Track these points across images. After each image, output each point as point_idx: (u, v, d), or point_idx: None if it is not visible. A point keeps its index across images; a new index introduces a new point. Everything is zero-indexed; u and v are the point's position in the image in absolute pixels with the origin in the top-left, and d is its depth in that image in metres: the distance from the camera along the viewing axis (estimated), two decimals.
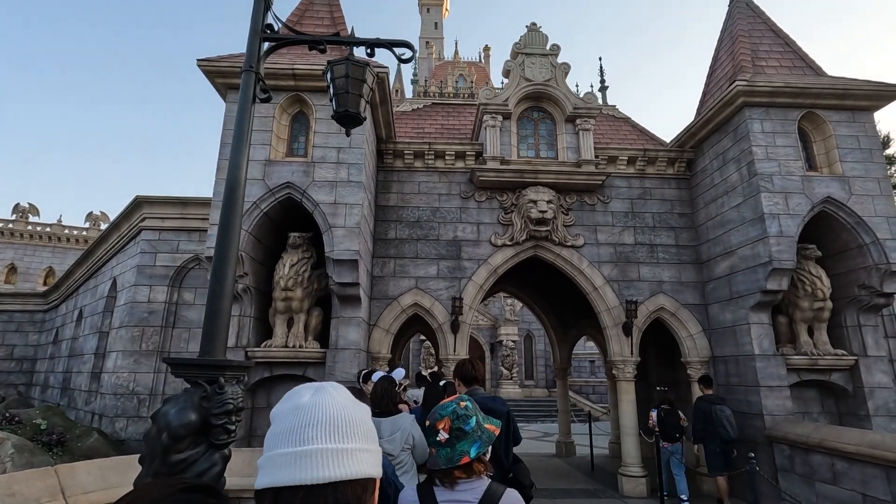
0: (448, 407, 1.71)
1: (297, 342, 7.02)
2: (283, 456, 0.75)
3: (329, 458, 0.74)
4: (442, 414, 1.69)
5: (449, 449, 1.63)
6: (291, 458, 0.74)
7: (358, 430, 0.80)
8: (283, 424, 0.79)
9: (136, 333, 8.59)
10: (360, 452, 0.77)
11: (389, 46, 3.46)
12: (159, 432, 2.44)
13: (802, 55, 8.55)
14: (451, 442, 1.64)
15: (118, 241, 10.25)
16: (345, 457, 0.75)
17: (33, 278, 26.81)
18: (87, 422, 8.94)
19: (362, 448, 0.78)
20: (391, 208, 8.79)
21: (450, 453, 1.62)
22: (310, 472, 0.72)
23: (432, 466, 1.65)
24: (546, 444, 14.21)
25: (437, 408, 1.74)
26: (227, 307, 2.85)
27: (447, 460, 1.62)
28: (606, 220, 8.94)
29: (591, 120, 8.97)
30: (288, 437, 0.76)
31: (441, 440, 1.64)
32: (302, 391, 0.84)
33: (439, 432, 1.66)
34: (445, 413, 1.69)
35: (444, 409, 1.71)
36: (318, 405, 0.79)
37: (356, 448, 0.77)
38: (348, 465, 0.75)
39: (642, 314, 8.44)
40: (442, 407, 1.72)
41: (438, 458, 1.64)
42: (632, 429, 8.15)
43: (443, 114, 11.23)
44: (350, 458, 0.76)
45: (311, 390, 0.83)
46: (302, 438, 0.75)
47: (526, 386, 29.02)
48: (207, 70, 7.25)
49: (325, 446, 0.75)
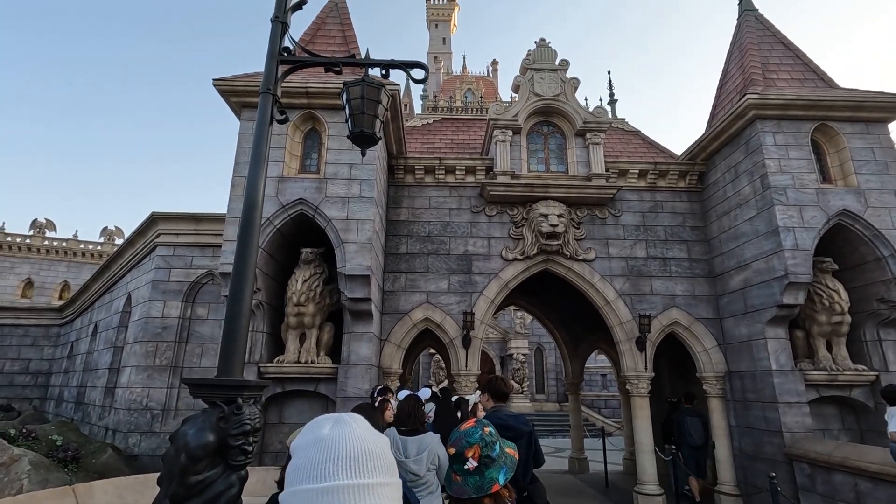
0: (475, 434, 1.66)
1: (310, 357, 7.03)
2: (306, 492, 0.76)
3: (352, 495, 0.75)
4: (470, 441, 1.63)
5: (478, 477, 1.58)
6: (315, 494, 0.75)
7: (378, 463, 0.80)
8: (305, 458, 0.80)
9: (149, 348, 8.66)
10: (380, 487, 0.78)
11: (404, 67, 3.51)
12: (178, 453, 2.45)
13: (814, 67, 8.53)
14: (479, 470, 1.59)
15: (133, 256, 10.39)
16: (367, 492, 0.76)
17: (49, 293, 27.20)
18: (101, 437, 8.98)
19: (383, 482, 0.79)
20: (402, 223, 8.83)
21: (479, 481, 1.57)
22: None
23: (459, 495, 1.59)
24: (558, 460, 13.99)
25: (461, 434, 1.68)
26: (245, 327, 2.87)
27: (477, 489, 1.56)
28: (618, 233, 8.90)
29: (600, 134, 8.98)
30: (310, 472, 0.77)
31: (470, 468, 1.59)
32: (322, 423, 0.85)
33: (468, 460, 1.60)
34: (474, 440, 1.64)
35: (472, 437, 1.65)
36: (338, 438, 0.80)
37: (377, 482, 0.78)
38: (370, 501, 0.75)
39: (655, 328, 8.35)
40: (468, 434, 1.67)
41: (467, 486, 1.58)
42: (647, 445, 8.02)
43: (452, 129, 11.33)
44: (372, 494, 0.76)
45: (331, 422, 0.84)
46: (324, 474, 0.76)
47: (537, 400, 28.69)
48: (222, 89, 7.40)
49: (348, 482, 0.75)
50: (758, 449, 7.28)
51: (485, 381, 3.85)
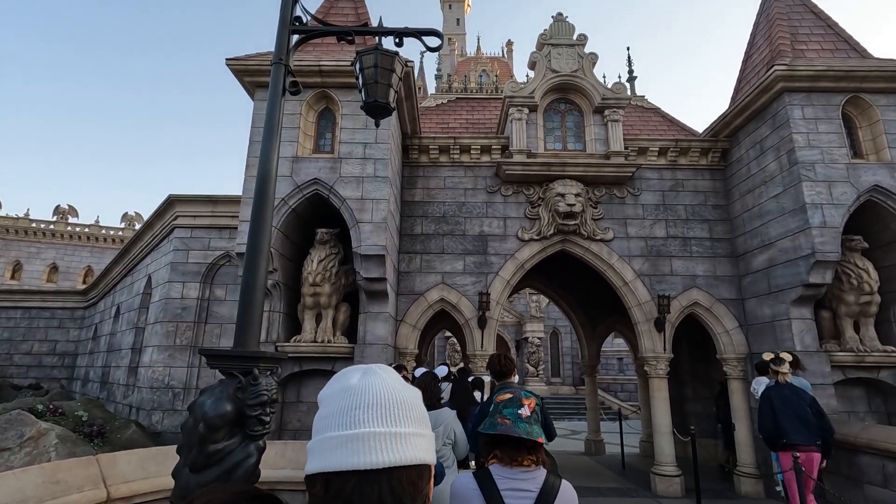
0: (529, 394, 1.76)
1: (326, 337, 7.07)
2: (334, 439, 0.70)
3: (383, 443, 0.69)
4: (528, 395, 1.73)
5: (528, 424, 1.64)
6: (343, 441, 0.69)
7: (411, 413, 0.75)
8: (333, 406, 0.74)
9: (170, 329, 8.82)
10: (414, 437, 0.72)
11: (417, 35, 3.41)
12: (196, 422, 2.46)
13: (846, 37, 8.14)
14: (530, 419, 1.65)
15: (152, 239, 10.54)
16: (399, 441, 0.70)
17: (73, 277, 27.92)
18: (126, 414, 9.22)
19: (416, 433, 0.73)
20: (417, 203, 8.76)
21: (528, 428, 1.63)
22: (363, 456, 0.67)
23: (507, 432, 1.62)
24: (574, 442, 14.01)
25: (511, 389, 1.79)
26: (260, 299, 2.86)
27: (527, 432, 1.61)
28: (637, 212, 8.71)
29: (619, 111, 8.74)
30: (339, 420, 0.72)
31: (523, 414, 1.65)
32: (350, 373, 0.79)
33: (524, 406, 1.66)
34: (531, 395, 1.74)
35: (529, 393, 1.76)
36: (368, 387, 0.74)
37: (410, 432, 0.72)
38: (403, 450, 0.70)
39: (675, 309, 8.19)
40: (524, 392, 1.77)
41: (517, 427, 1.62)
42: (665, 427, 7.94)
43: (467, 108, 11.15)
44: (404, 443, 0.71)
45: (360, 372, 0.79)
46: (354, 421, 0.71)
47: (552, 383, 28.72)
48: (236, 69, 7.36)
49: (379, 430, 0.70)
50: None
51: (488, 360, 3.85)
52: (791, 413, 5.02)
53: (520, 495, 1.58)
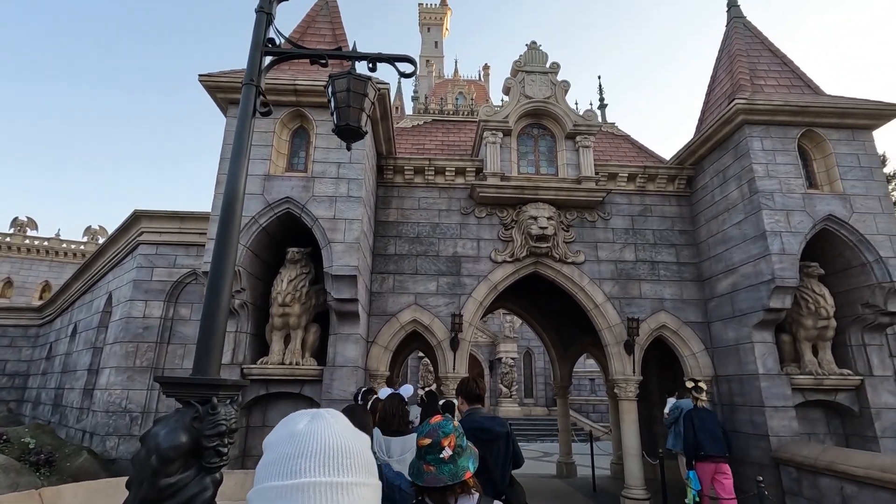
0: (448, 425, 1.75)
1: (294, 359, 6.90)
2: (274, 489, 0.68)
3: (324, 493, 0.67)
4: (446, 431, 1.72)
5: (452, 465, 1.65)
6: (284, 491, 0.67)
7: (355, 461, 0.72)
8: (277, 453, 0.72)
9: (130, 349, 8.45)
10: (357, 487, 0.70)
11: (391, 61, 3.44)
12: (148, 454, 2.34)
13: (800, 74, 8.63)
14: (453, 458, 1.67)
15: (115, 255, 10.16)
16: (341, 491, 0.68)
17: (29, 292, 26.61)
18: (78, 440, 8.73)
19: (360, 482, 0.71)
20: (391, 224, 8.74)
21: (453, 469, 1.65)
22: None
23: (433, 484, 1.65)
24: (546, 465, 13.94)
25: (434, 426, 1.75)
26: (223, 323, 2.77)
27: (452, 476, 1.64)
28: (607, 236, 8.90)
29: (590, 137, 8.99)
30: (281, 468, 0.69)
31: (445, 457, 1.66)
32: (297, 418, 0.77)
33: (444, 449, 1.67)
34: (449, 430, 1.72)
35: (447, 427, 1.73)
36: (313, 433, 0.72)
37: (353, 482, 0.70)
38: (343, 501, 0.67)
39: (644, 332, 8.34)
40: (442, 425, 1.74)
41: (442, 474, 1.65)
42: (634, 449, 7.99)
43: (443, 130, 11.28)
44: (347, 493, 0.68)
45: (308, 417, 0.76)
46: (295, 470, 0.68)
47: (525, 404, 28.66)
48: (208, 85, 7.27)
49: (320, 479, 0.67)
50: (745, 453, 7.27)
51: (458, 383, 3.80)
52: (708, 431, 6.30)
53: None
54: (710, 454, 6.19)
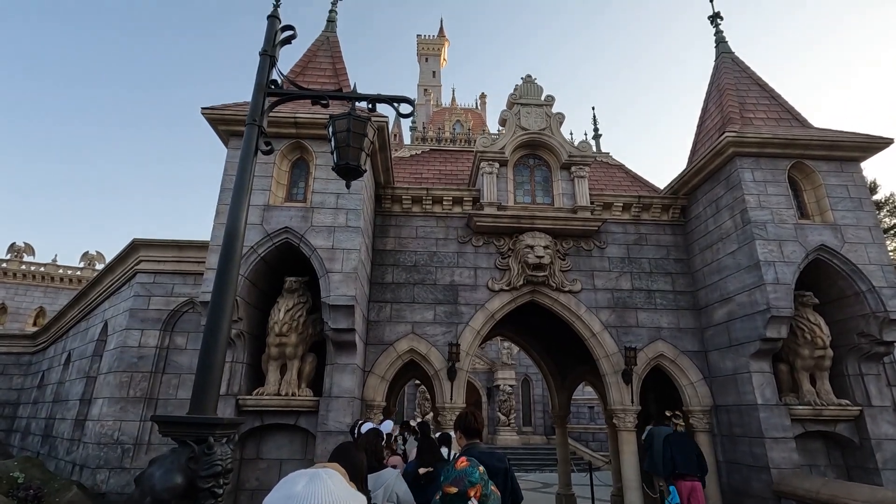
0: (475, 473, 1.73)
1: (290, 390, 6.84)
2: None
3: None
4: (472, 481, 1.70)
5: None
6: None
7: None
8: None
9: (124, 379, 8.37)
10: None
11: (390, 102, 3.56)
12: (143, 496, 2.32)
13: (788, 108, 8.87)
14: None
15: (112, 283, 10.15)
16: None
17: (23, 318, 26.38)
18: (68, 473, 8.55)
19: None
20: (389, 252, 8.80)
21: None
22: None
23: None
24: (545, 497, 13.65)
25: (461, 473, 1.73)
26: (221, 361, 2.79)
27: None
28: (603, 265, 8.97)
29: (585, 167, 9.15)
30: None
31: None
32: (296, 478, 0.80)
33: (470, 499, 1.66)
34: (476, 479, 1.71)
35: (473, 476, 1.71)
36: (310, 496, 0.75)
37: None
38: None
39: (641, 361, 8.32)
40: (469, 473, 1.72)
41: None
42: (634, 482, 7.87)
43: (440, 160, 11.46)
44: None
45: (306, 478, 0.79)
46: None
47: (524, 432, 28.19)
48: (211, 118, 7.42)
49: None
50: (746, 485, 7.18)
51: (456, 417, 3.78)
52: (683, 452, 7.13)
53: None
54: (683, 473, 7.00)
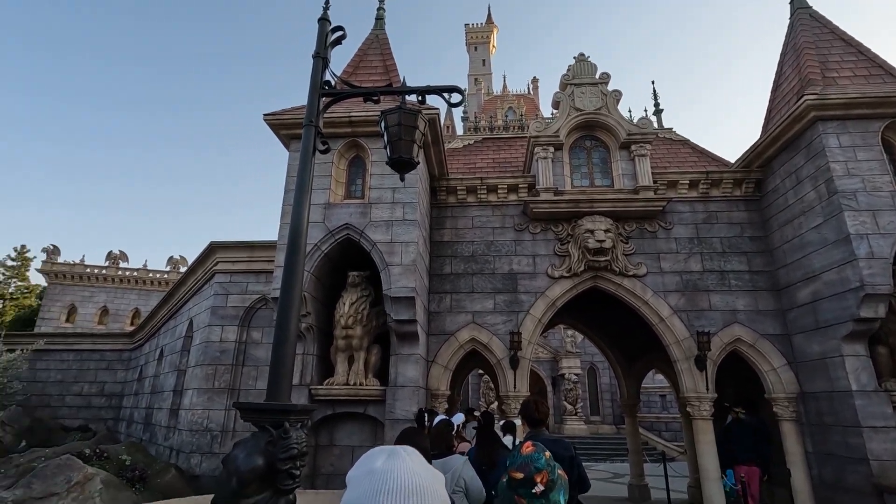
0: (541, 459, 1.73)
1: (358, 380, 7.12)
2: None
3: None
4: (538, 467, 1.70)
5: (544, 500, 1.66)
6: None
7: (430, 500, 0.78)
8: (358, 490, 0.79)
9: (209, 371, 9.07)
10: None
11: (440, 92, 3.57)
12: (229, 476, 2.52)
13: (881, 62, 7.96)
14: (545, 493, 1.67)
15: (194, 284, 11.00)
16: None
17: (122, 319, 29.21)
18: (166, 457, 9.43)
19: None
20: (446, 244, 8.88)
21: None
22: None
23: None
24: (616, 486, 13.32)
25: (526, 458, 1.74)
26: (292, 352, 2.95)
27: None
28: (670, 246, 8.54)
29: (646, 145, 8.73)
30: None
31: (537, 493, 1.66)
32: (376, 455, 0.84)
33: (536, 485, 1.67)
34: (542, 465, 1.71)
35: (539, 461, 1.72)
36: (390, 472, 0.79)
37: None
38: None
39: (716, 346, 7.87)
40: (534, 459, 1.72)
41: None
42: (713, 472, 7.49)
43: (493, 148, 11.37)
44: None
45: (385, 455, 0.83)
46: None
47: (592, 422, 27.62)
48: (272, 123, 7.80)
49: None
50: (840, 478, 6.63)
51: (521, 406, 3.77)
52: (741, 441, 7.45)
53: None
54: (741, 461, 7.32)
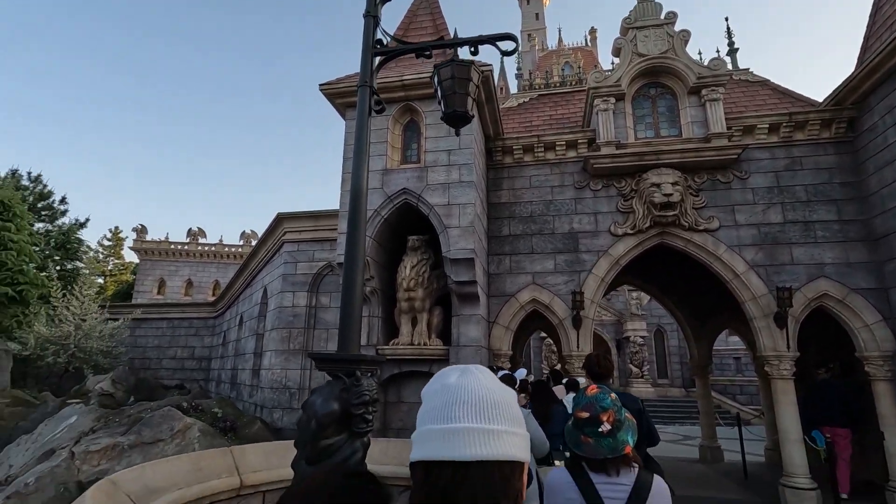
0: (606, 398, 1.74)
1: (422, 340, 7.34)
2: (433, 432, 0.77)
3: (476, 438, 0.74)
4: (604, 406, 1.72)
5: (611, 439, 1.66)
6: (441, 434, 0.75)
7: (504, 412, 0.78)
8: (433, 402, 0.81)
9: (284, 335, 9.71)
10: (507, 435, 0.76)
11: (492, 41, 3.46)
12: (309, 420, 2.72)
13: None
14: (612, 432, 1.67)
15: (265, 254, 11.68)
16: (491, 437, 0.75)
17: (205, 290, 31.72)
18: (252, 412, 10.31)
19: (509, 430, 0.77)
20: (503, 205, 8.78)
21: (613, 443, 1.66)
22: (458, 449, 0.73)
23: (592, 455, 1.68)
24: (686, 448, 13.04)
25: (592, 399, 1.76)
26: (358, 309, 3.08)
27: (611, 450, 1.65)
28: (746, 197, 7.94)
29: (719, 88, 8.05)
30: (438, 414, 0.78)
31: (603, 431, 1.67)
32: (449, 372, 0.85)
33: (602, 423, 1.68)
34: (608, 405, 1.72)
35: (605, 401, 1.73)
36: (464, 386, 0.80)
37: (503, 430, 0.76)
38: (495, 446, 0.74)
39: (799, 302, 7.33)
40: (600, 399, 1.74)
41: (600, 447, 1.66)
42: (794, 433, 7.12)
43: (550, 104, 10.95)
44: (497, 440, 0.75)
45: (458, 372, 0.84)
46: (451, 416, 0.76)
47: (659, 385, 26.97)
48: (328, 93, 7.93)
49: (473, 426, 0.75)
50: None
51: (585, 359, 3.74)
52: (827, 402, 7.18)
53: (614, 488, 1.63)
54: (824, 423, 7.04)
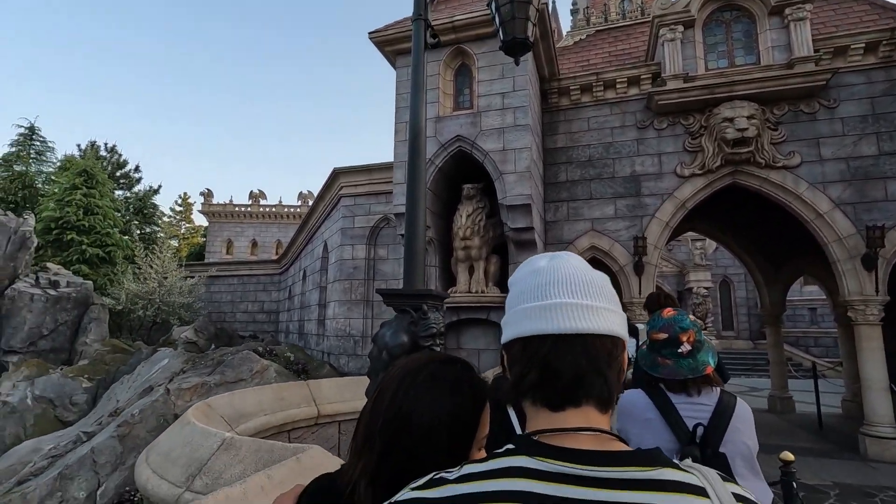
0: (685, 319, 1.70)
1: (479, 288, 7.40)
2: (529, 310, 0.73)
3: (576, 312, 0.71)
4: (683, 326, 1.69)
5: (691, 360, 1.63)
6: (538, 310, 0.72)
7: (601, 291, 0.75)
8: (524, 285, 0.77)
9: (346, 286, 10.11)
10: (605, 311, 0.73)
11: None
12: (380, 351, 2.84)
13: None
14: (692, 353, 1.64)
15: (324, 210, 12.04)
16: (592, 312, 0.71)
17: (268, 249, 33.43)
18: (319, 358, 10.97)
19: (607, 307, 0.73)
20: (559, 150, 8.46)
21: (693, 364, 1.63)
22: (558, 322, 0.70)
23: (671, 377, 1.65)
24: (755, 399, 12.60)
25: (670, 320, 1.72)
26: (422, 245, 3.12)
27: (692, 370, 1.62)
28: (833, 129, 7.19)
29: (806, 5, 7.17)
30: (532, 294, 0.74)
31: (683, 352, 1.65)
32: (537, 259, 0.81)
33: (682, 344, 1.65)
34: (687, 325, 1.69)
35: (684, 322, 1.70)
36: (556, 268, 0.75)
37: (601, 306, 0.73)
38: (596, 320, 0.71)
39: (892, 243, 6.69)
40: (678, 320, 1.70)
41: (680, 368, 1.64)
42: (879, 382, 6.68)
43: (609, 40, 10.23)
44: (597, 314, 0.71)
45: (548, 257, 0.80)
46: (547, 294, 0.73)
47: (724, 337, 25.97)
48: (378, 40, 7.80)
49: (572, 301, 0.71)
50: None
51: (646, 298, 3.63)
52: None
53: (695, 408, 1.59)
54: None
